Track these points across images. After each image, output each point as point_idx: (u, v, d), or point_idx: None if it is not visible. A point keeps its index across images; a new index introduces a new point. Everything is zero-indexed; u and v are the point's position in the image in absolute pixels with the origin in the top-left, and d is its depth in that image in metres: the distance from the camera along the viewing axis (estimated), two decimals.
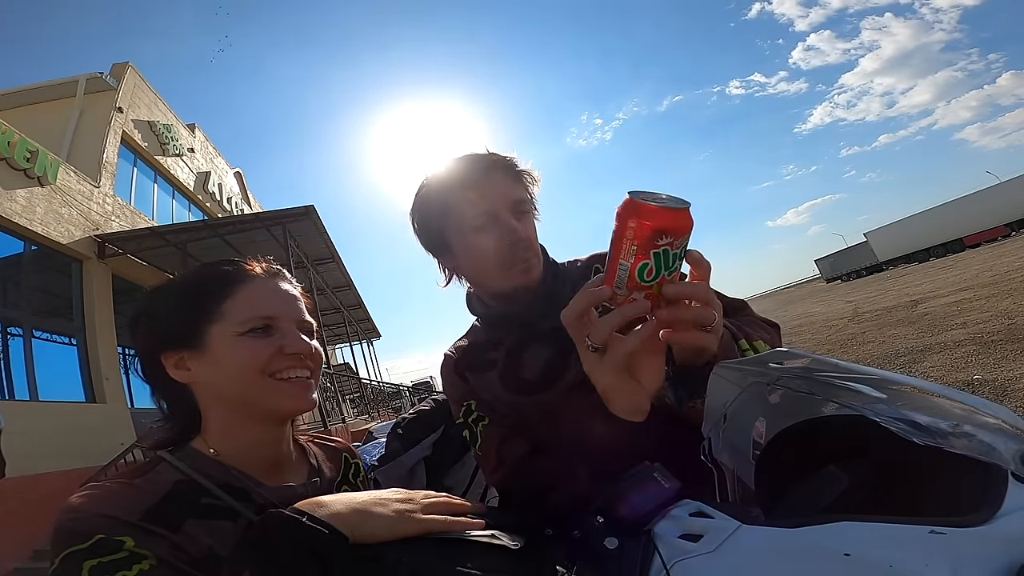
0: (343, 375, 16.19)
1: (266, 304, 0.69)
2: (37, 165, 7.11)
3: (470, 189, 0.87)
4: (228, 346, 0.66)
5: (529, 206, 0.92)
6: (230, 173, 14.92)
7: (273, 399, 0.67)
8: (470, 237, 0.89)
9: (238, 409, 0.67)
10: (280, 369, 0.67)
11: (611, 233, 0.55)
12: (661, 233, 0.52)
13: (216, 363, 0.66)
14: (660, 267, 0.53)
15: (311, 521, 0.49)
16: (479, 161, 0.89)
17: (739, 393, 0.63)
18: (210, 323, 0.66)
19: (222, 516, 0.61)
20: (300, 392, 0.68)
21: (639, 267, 0.54)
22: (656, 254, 0.53)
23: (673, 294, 0.55)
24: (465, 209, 0.88)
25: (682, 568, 0.42)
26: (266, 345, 0.67)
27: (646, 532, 0.48)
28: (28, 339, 6.97)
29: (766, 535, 0.41)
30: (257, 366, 0.66)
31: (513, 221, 0.87)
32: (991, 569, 0.35)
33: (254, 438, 0.69)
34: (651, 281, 0.54)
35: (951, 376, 4.76)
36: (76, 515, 0.54)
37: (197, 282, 0.70)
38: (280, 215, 8.43)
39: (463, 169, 0.89)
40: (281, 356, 0.67)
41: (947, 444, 0.41)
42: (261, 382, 0.66)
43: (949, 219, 41.94)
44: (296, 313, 0.72)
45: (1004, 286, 9.31)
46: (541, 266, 0.92)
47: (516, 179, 0.91)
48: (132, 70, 10.20)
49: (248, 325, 0.66)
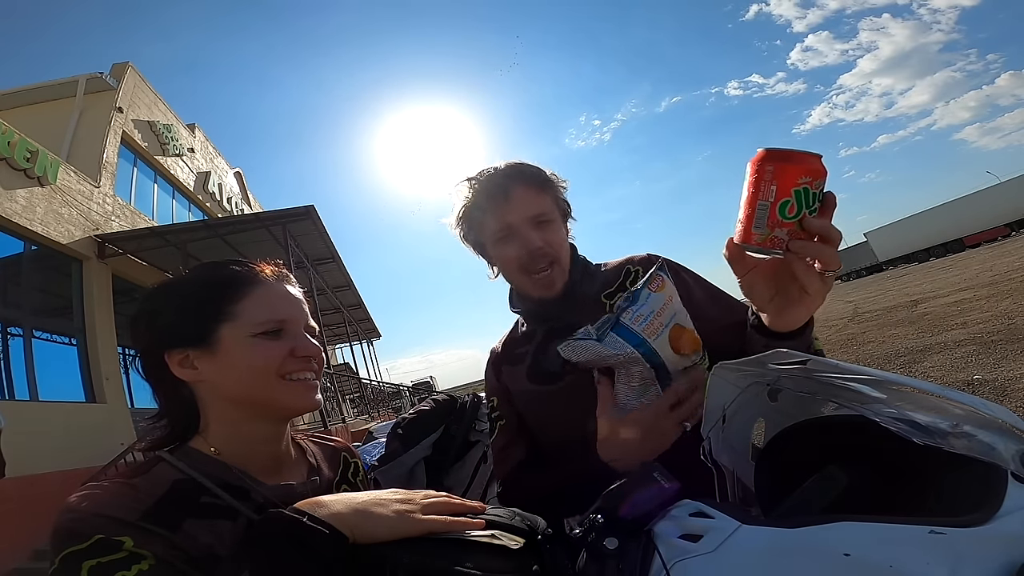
0: (343, 375, 16.20)
1: (279, 307, 0.71)
2: (37, 165, 7.10)
3: (492, 202, 0.94)
4: (241, 347, 0.67)
5: (553, 215, 0.96)
6: (230, 173, 14.92)
7: (284, 399, 0.69)
8: (495, 247, 0.97)
9: (244, 408, 0.68)
10: (291, 371, 0.69)
11: (745, 184, 0.61)
12: (802, 172, 0.59)
13: (227, 363, 0.67)
14: (801, 204, 0.59)
15: (311, 521, 0.49)
16: (501, 175, 0.95)
17: (738, 394, 0.63)
18: (222, 323, 0.68)
19: (221, 515, 0.61)
20: (307, 392, 0.71)
21: (780, 204, 0.59)
22: (797, 191, 0.59)
23: (816, 227, 0.60)
24: (489, 221, 0.95)
25: (682, 568, 0.42)
26: (279, 347, 0.69)
27: (646, 532, 0.48)
28: (28, 339, 6.97)
29: (766, 535, 0.41)
30: (272, 367, 0.68)
31: (531, 234, 0.92)
32: (991, 569, 0.35)
33: (255, 436, 0.70)
34: (792, 218, 0.60)
35: (951, 376, 4.76)
36: (75, 515, 0.54)
37: (208, 282, 0.71)
38: (280, 215, 8.43)
39: (487, 183, 0.95)
40: (292, 358, 0.69)
41: (947, 444, 0.41)
42: (273, 382, 0.68)
43: (949, 219, 41.91)
44: (304, 317, 0.74)
45: (1004, 286, 9.31)
46: (564, 274, 0.97)
47: (540, 189, 0.95)
48: (132, 70, 10.19)
49: (263, 327, 0.68)
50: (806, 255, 0.61)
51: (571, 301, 0.96)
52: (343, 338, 16.63)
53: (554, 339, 0.92)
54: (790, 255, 0.62)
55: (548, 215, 0.94)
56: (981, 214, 39.95)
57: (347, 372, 17.38)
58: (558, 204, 0.98)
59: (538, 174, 0.96)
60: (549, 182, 0.97)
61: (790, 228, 0.60)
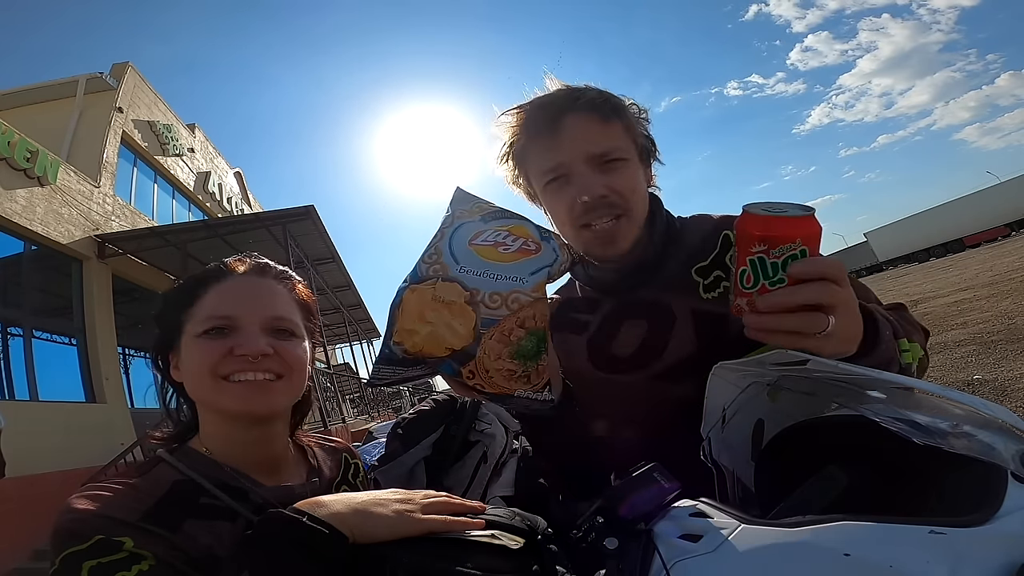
0: (343, 375, 16.19)
1: (228, 304, 0.67)
2: (37, 165, 7.10)
3: (540, 135, 0.73)
4: (189, 348, 0.66)
5: (625, 153, 0.73)
6: (230, 173, 14.91)
7: (223, 401, 0.65)
8: (544, 193, 0.77)
9: (214, 412, 0.68)
10: (231, 371, 0.64)
11: None
12: (754, 240, 0.52)
13: (184, 365, 0.67)
14: (757, 275, 0.52)
15: (311, 521, 0.49)
16: (554, 100, 0.74)
17: (738, 394, 0.63)
18: (185, 323, 0.67)
19: (221, 516, 0.61)
20: (250, 395, 0.64)
21: (739, 273, 0.54)
22: (752, 260, 0.52)
23: (765, 305, 0.51)
24: (537, 160, 0.75)
25: (682, 568, 0.42)
26: (217, 347, 0.64)
27: (646, 532, 0.48)
28: (28, 339, 6.97)
29: (766, 535, 0.41)
30: (207, 368, 0.64)
31: (590, 177, 0.71)
32: (991, 569, 0.35)
33: (237, 438, 0.68)
34: (750, 288, 0.53)
35: (951, 376, 4.76)
36: (75, 516, 0.54)
37: (183, 284, 0.72)
38: (280, 215, 8.43)
39: (537, 110, 0.74)
40: (231, 358, 0.64)
41: (947, 444, 0.41)
42: (213, 384, 0.64)
43: (949, 219, 41.94)
44: (263, 311, 0.67)
45: (1004, 286, 9.30)
46: (633, 229, 0.75)
47: (604, 120, 0.73)
48: (132, 70, 10.19)
49: (204, 326, 0.65)
50: (756, 331, 0.53)
51: (649, 271, 0.76)
52: (343, 338, 16.63)
53: (625, 317, 0.77)
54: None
55: (616, 152, 0.72)
56: (981, 214, 39.98)
57: (347, 372, 17.37)
58: (634, 140, 0.75)
59: (605, 99, 0.74)
60: (619, 110, 0.74)
61: (749, 299, 0.54)
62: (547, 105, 0.74)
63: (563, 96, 0.74)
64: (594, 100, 0.73)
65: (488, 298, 0.57)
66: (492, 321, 0.57)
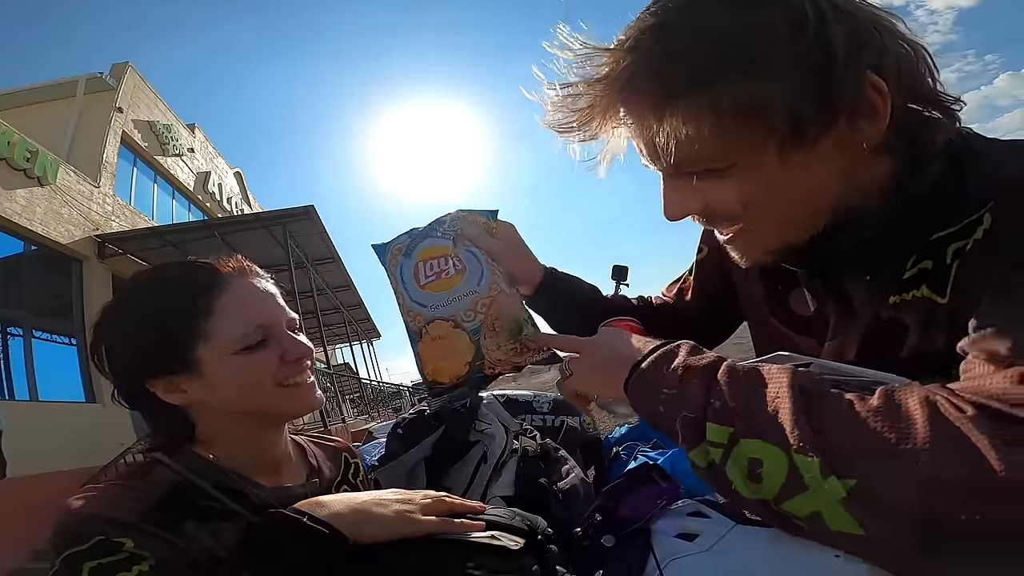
0: (343, 375, 16.18)
1: (255, 314, 0.66)
2: (37, 165, 7.10)
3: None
4: (226, 366, 0.63)
5: (720, 157, 0.49)
6: (230, 173, 14.90)
7: (284, 406, 0.67)
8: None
9: (242, 419, 0.66)
10: (286, 377, 0.66)
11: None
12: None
13: (215, 383, 0.63)
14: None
15: (311, 521, 0.49)
16: (611, 80, 0.50)
17: None
18: (197, 344, 0.63)
19: (221, 517, 0.61)
20: (307, 394, 0.69)
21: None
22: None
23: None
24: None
25: (675, 567, 0.42)
26: (267, 357, 0.65)
27: (643, 531, 0.48)
28: (28, 339, 6.97)
29: (760, 535, 0.42)
30: (265, 380, 0.64)
31: (667, 188, 0.54)
32: None
33: (253, 442, 0.68)
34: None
35: None
36: (75, 517, 0.54)
37: (169, 299, 0.65)
38: (280, 215, 8.43)
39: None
40: (284, 364, 0.66)
41: None
42: (270, 392, 0.65)
43: None
44: (282, 313, 0.69)
45: None
46: (764, 244, 0.55)
47: (656, 109, 0.48)
48: (132, 70, 10.18)
49: (243, 343, 0.63)
50: None
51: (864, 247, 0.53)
52: (343, 338, 16.63)
53: (812, 277, 0.60)
54: None
55: (697, 163, 0.49)
56: None
57: (347, 372, 17.36)
58: (721, 147, 0.47)
59: (667, 77, 0.46)
60: (702, 81, 0.45)
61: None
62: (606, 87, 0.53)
63: (623, 74, 0.50)
64: (650, 82, 0.49)
65: (464, 316, 0.72)
66: (477, 328, 0.72)
